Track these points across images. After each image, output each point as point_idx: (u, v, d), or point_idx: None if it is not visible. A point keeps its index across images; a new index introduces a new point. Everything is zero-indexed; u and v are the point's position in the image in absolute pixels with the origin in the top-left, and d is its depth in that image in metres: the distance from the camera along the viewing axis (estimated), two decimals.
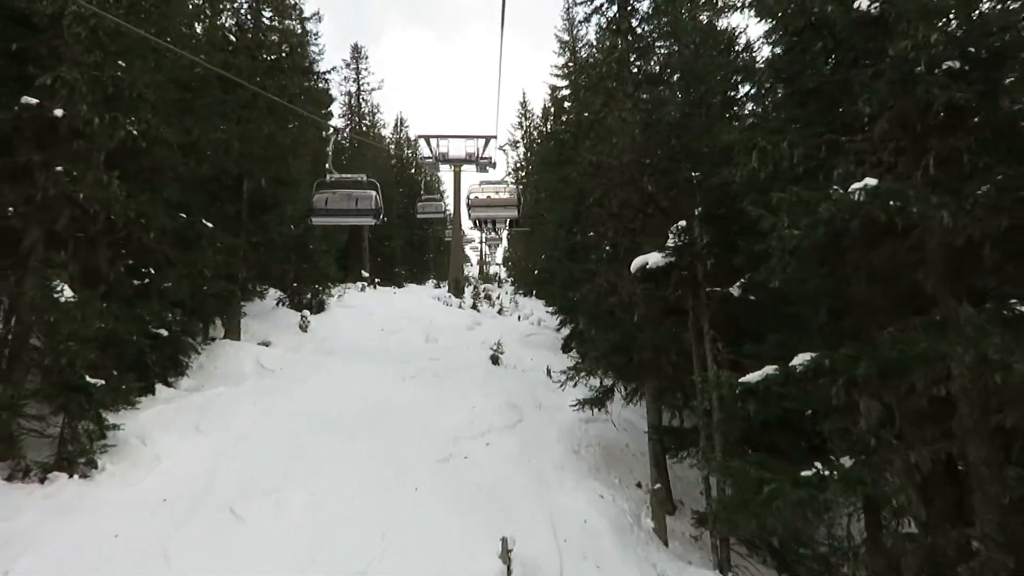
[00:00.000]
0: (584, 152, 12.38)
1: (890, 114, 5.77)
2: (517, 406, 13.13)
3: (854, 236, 5.94)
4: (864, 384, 5.36)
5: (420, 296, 30.99)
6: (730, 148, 11.48)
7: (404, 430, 11.07)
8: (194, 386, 12.09)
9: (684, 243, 9.67)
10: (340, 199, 12.02)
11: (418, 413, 11.98)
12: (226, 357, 13.50)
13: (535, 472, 10.24)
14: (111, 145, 9.60)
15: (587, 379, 11.95)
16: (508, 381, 15.08)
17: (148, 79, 9.96)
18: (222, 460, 8.97)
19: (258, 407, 10.95)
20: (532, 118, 46.12)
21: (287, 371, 13.44)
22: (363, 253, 34.49)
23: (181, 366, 12.27)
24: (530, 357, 18.31)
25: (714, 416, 9.26)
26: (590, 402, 11.70)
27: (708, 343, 9.51)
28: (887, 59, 6.00)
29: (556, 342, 20.88)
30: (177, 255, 12.12)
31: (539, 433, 11.93)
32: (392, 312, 22.60)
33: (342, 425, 10.79)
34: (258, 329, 17.34)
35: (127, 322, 9.50)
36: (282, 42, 17.61)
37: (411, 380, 14.25)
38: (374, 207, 12.05)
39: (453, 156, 32.08)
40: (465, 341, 19.33)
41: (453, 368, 15.64)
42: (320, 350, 16.26)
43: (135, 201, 9.61)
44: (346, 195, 11.94)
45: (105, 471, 8.26)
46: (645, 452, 11.76)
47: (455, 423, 11.74)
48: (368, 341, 17.60)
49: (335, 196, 11.99)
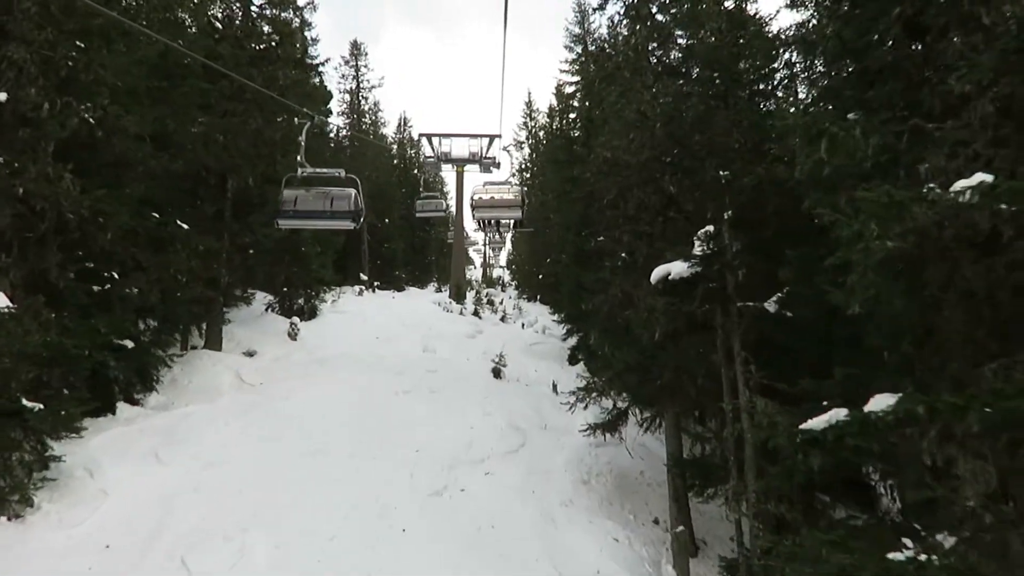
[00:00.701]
0: (598, 148, 11.21)
1: (993, 94, 4.58)
2: (520, 427, 11.94)
3: (944, 247, 4.74)
4: (965, 438, 4.16)
5: (419, 301, 29.83)
6: (762, 145, 10.47)
7: (394, 456, 9.90)
8: (163, 403, 10.94)
9: (712, 251, 8.48)
10: (312, 198, 10.04)
11: (411, 435, 10.80)
12: (203, 370, 12.35)
13: (540, 508, 9.06)
14: (64, 134, 8.48)
15: (598, 399, 10.75)
16: (511, 397, 13.89)
17: (108, 61, 8.82)
18: (181, 495, 7.81)
19: (231, 429, 9.79)
20: (537, 118, 45.06)
21: (269, 386, 12.28)
22: (362, 255, 33.36)
23: (150, 381, 11.12)
24: (534, 369, 17.12)
25: (747, 450, 8.09)
26: (601, 427, 10.52)
27: (739, 365, 8.32)
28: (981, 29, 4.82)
29: (562, 352, 19.68)
30: (148, 258, 11.07)
31: (544, 459, 10.74)
32: (389, 319, 21.44)
33: (324, 450, 9.62)
34: (244, 337, 16.20)
35: (79, 335, 8.36)
36: (274, 32, 16.51)
37: (405, 395, 13.07)
38: (352, 208, 10.10)
39: (456, 156, 30.93)
40: (465, 351, 18.15)
41: (452, 381, 14.46)
42: (309, 360, 15.10)
43: (90, 197, 8.48)
44: (320, 194, 9.95)
45: (41, 510, 7.11)
46: (662, 481, 10.56)
47: (452, 447, 10.56)
48: (361, 350, 16.42)
49: (306, 195, 10.05)
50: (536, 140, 44.76)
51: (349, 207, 10.11)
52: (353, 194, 10.17)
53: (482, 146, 30.27)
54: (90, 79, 8.64)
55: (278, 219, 10.42)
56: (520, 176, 44.25)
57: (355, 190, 10.23)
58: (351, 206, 10.12)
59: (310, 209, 10.10)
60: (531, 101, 44.71)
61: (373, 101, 38.49)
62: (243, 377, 12.38)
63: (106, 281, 9.80)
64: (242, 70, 14.05)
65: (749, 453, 8.02)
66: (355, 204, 10.19)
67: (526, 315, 26.99)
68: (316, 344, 16.64)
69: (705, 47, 11.13)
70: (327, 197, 9.96)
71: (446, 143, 30.53)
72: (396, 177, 41.81)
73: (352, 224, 10.40)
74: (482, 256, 64.19)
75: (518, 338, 21.36)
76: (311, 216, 10.27)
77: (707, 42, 11.18)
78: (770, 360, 8.38)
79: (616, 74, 11.97)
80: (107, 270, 9.86)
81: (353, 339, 17.66)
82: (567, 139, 22.61)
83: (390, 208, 37.30)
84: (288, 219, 10.35)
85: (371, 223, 34.82)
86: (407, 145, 47.26)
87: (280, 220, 10.40)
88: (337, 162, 34.84)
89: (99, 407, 9.54)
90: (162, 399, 11.12)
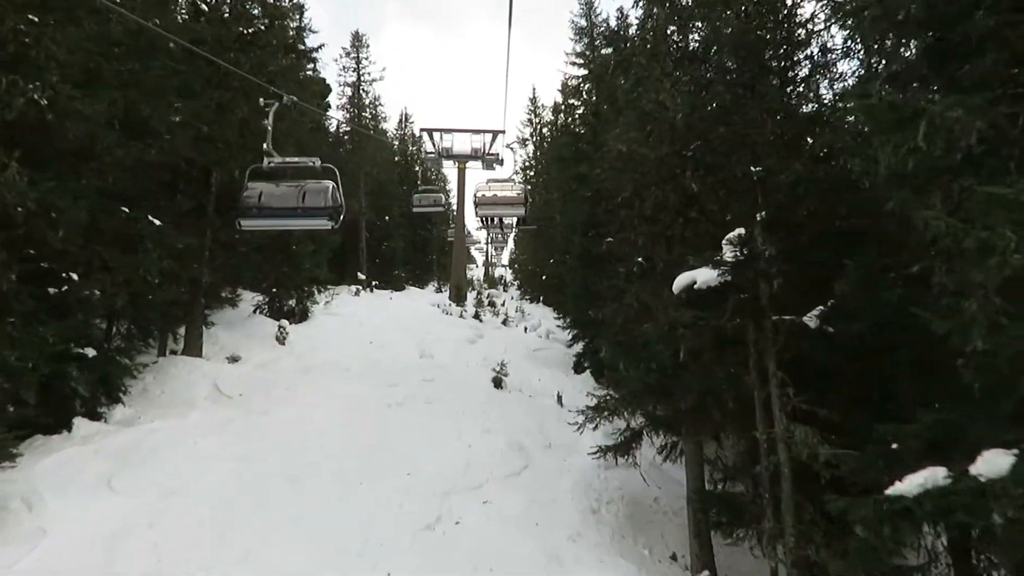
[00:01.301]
0: (611, 141, 10.16)
1: None
2: (522, 446, 10.92)
3: None
4: None
5: (418, 302, 28.79)
6: (800, 138, 9.43)
7: (383, 481, 8.88)
8: (130, 417, 9.93)
9: (744, 257, 7.43)
10: (281, 194, 8.41)
11: (403, 455, 9.79)
12: (177, 378, 11.34)
13: (545, 544, 8.02)
14: (9, 116, 7.45)
15: (610, 418, 9.72)
16: (512, 410, 12.87)
17: (60, 37, 7.78)
18: (134, 531, 6.79)
19: (200, 449, 8.77)
20: (542, 115, 43.99)
21: (249, 398, 11.26)
22: (360, 254, 32.32)
23: (115, 392, 10.09)
24: (538, 377, 16.09)
25: (784, 486, 7.06)
26: (613, 449, 9.51)
27: (774, 388, 7.28)
28: None
29: (567, 359, 18.66)
30: (115, 257, 10.07)
31: (549, 484, 9.72)
32: (385, 321, 20.43)
33: (304, 475, 8.60)
34: (228, 341, 15.20)
35: (24, 345, 7.36)
36: (264, 15, 15.46)
37: (398, 408, 12.06)
38: (329, 204, 8.44)
39: (458, 152, 29.88)
40: (465, 358, 17.13)
41: (449, 392, 13.44)
42: (296, 367, 14.09)
43: (38, 189, 7.46)
44: (291, 188, 8.35)
45: None
46: (680, 509, 9.56)
47: (447, 470, 9.55)
48: (353, 356, 15.42)
49: (274, 189, 8.46)
50: (540, 137, 43.77)
51: (325, 203, 8.49)
52: (331, 188, 8.59)
53: (485, 142, 29.23)
54: (40, 55, 7.61)
55: (240, 218, 8.75)
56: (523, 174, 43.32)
57: (333, 183, 8.67)
58: (327, 201, 8.51)
59: (278, 206, 8.50)
60: (535, 97, 43.62)
61: (374, 95, 37.36)
62: (221, 387, 11.36)
63: (63, 283, 8.78)
64: (227, 55, 13.05)
65: (787, 490, 7.00)
66: (332, 199, 8.59)
67: (529, 318, 25.95)
68: (305, 349, 15.63)
69: (730, 30, 10.09)
70: (299, 192, 8.40)
71: (448, 139, 29.48)
72: (397, 174, 40.79)
73: (329, 223, 8.71)
74: (484, 255, 63.28)
75: (520, 343, 20.34)
76: (279, 215, 8.61)
77: (732, 23, 10.15)
78: (807, 382, 7.38)
79: (631, 61, 10.91)
80: (65, 271, 8.85)
81: (345, 344, 16.64)
82: (573, 135, 21.58)
83: (390, 205, 36.26)
84: (252, 218, 8.71)
85: (370, 221, 33.82)
86: (408, 142, 46.26)
87: (242, 220, 8.73)
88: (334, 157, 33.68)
89: (52, 424, 8.57)
90: (129, 412, 10.10)
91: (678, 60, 10.05)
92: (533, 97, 43.87)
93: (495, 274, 58.43)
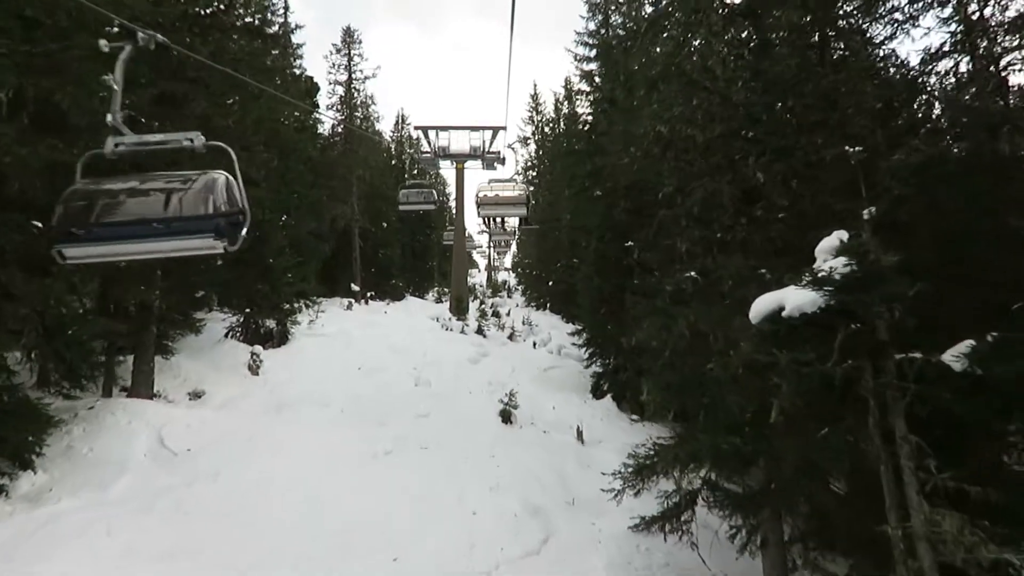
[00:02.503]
0: (647, 121, 7.99)
1: None
2: (540, 507, 8.72)
3: None
4: None
5: (416, 316, 26.56)
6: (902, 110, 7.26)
7: (359, 575, 6.70)
8: (39, 489, 7.75)
9: (858, 272, 5.22)
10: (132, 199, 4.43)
11: (389, 531, 7.60)
12: (113, 430, 9.17)
13: None
14: None
15: (655, 480, 7.50)
16: (525, 454, 10.65)
17: None
18: None
19: (111, 544, 6.56)
20: (544, 112, 41.88)
21: (199, 453, 9.06)
22: (354, 263, 30.14)
23: (24, 453, 7.94)
24: (552, 405, 13.85)
25: None
26: (660, 520, 7.32)
27: (905, 459, 5.09)
28: None
29: (583, 379, 16.43)
30: (19, 285, 8.01)
31: (578, 565, 7.51)
32: (376, 341, 18.21)
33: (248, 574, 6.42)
34: (193, 371, 13.05)
35: None
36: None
37: (386, 458, 9.87)
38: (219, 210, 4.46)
39: (456, 151, 27.76)
40: (467, 383, 14.92)
41: (449, 431, 11.23)
42: (267, 404, 11.92)
43: None
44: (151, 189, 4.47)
45: None
46: None
47: (446, 551, 7.36)
48: (336, 387, 13.23)
49: (120, 190, 4.45)
50: (543, 136, 41.71)
51: (209, 208, 4.53)
52: (221, 183, 4.68)
53: (484, 140, 27.15)
54: None
55: (57, 245, 4.46)
56: (525, 175, 41.33)
57: (225, 174, 4.80)
58: (212, 207, 4.55)
59: (126, 219, 4.49)
60: (537, 94, 41.46)
61: (367, 94, 35.30)
62: (165, 441, 9.18)
63: None
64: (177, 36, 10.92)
65: None
66: (224, 203, 4.66)
67: (537, 331, 23.72)
68: (281, 380, 13.45)
69: None
70: (163, 194, 4.50)
71: (444, 137, 27.41)
72: (393, 177, 38.67)
73: (216, 241, 4.53)
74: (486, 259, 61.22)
75: (530, 362, 18.13)
76: (127, 234, 4.51)
77: None
78: (948, 447, 5.23)
79: (666, 18, 8.70)
80: None
81: (329, 371, 14.44)
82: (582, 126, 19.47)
83: (386, 211, 34.08)
84: (77, 244, 4.47)
85: (364, 228, 31.69)
86: (406, 144, 44.22)
87: (62, 247, 4.47)
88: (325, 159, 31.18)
89: None
90: (41, 481, 7.94)
91: (730, 16, 7.86)
92: (535, 93, 41.63)
93: (498, 279, 56.35)
